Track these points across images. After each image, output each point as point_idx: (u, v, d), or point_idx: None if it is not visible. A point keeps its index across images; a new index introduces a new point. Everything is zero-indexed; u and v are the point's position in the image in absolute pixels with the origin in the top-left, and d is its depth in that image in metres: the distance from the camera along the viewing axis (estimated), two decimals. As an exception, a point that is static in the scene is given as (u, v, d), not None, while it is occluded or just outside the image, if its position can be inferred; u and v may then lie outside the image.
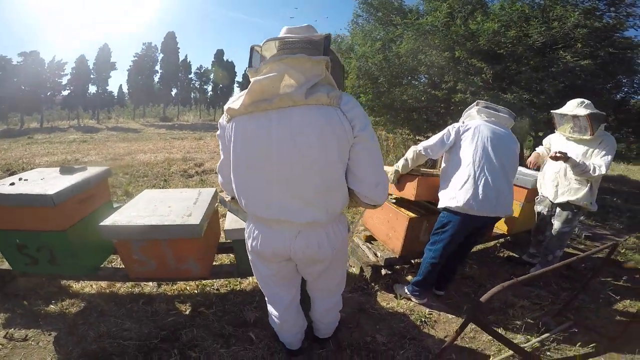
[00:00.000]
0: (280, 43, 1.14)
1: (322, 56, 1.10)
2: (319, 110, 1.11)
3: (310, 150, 1.13)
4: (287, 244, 1.29)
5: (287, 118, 1.11)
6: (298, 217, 1.23)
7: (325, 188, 1.21)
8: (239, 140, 1.18)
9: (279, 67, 1.10)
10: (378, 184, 1.26)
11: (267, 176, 1.19)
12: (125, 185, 5.29)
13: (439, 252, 2.13)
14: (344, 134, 1.14)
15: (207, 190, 2.35)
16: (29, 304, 2.17)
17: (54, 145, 11.44)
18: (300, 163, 1.15)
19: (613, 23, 4.69)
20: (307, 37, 1.14)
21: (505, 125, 2.21)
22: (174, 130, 19.08)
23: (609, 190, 6.83)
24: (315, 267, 1.41)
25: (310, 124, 1.11)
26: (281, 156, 1.14)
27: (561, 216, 2.60)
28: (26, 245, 1.95)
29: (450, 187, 2.06)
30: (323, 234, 1.30)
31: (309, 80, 1.10)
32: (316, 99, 1.10)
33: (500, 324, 2.16)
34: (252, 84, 1.11)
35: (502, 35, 4.27)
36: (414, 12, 5.19)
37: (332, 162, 1.17)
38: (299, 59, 1.09)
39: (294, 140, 1.12)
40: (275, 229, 1.30)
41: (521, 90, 4.38)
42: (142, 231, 1.82)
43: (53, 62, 24.74)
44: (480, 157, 2.00)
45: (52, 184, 1.95)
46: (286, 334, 1.73)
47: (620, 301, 2.49)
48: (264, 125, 1.13)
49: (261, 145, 1.15)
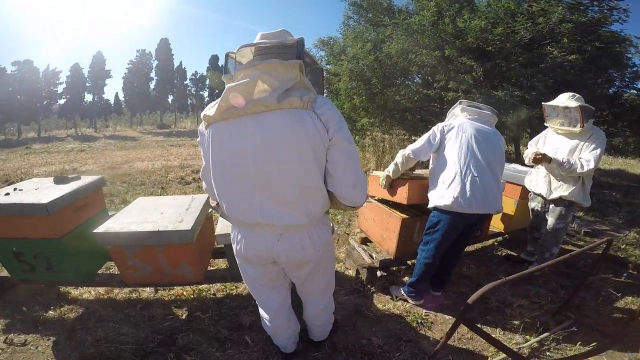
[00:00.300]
0: (255, 49, 1.17)
1: (295, 60, 1.12)
2: (292, 114, 1.12)
3: (285, 154, 1.14)
4: (270, 247, 1.30)
5: (261, 123, 1.13)
6: (278, 220, 1.24)
7: (303, 191, 1.22)
8: (216, 146, 1.20)
9: (253, 72, 1.12)
10: (355, 185, 1.27)
11: (245, 181, 1.20)
12: (123, 193, 5.30)
13: (432, 252, 2.14)
14: (318, 136, 1.15)
15: (200, 197, 2.37)
16: (28, 310, 2.19)
17: (52, 155, 11.45)
18: (276, 167, 1.16)
19: (598, 17, 4.74)
20: (280, 41, 1.15)
21: (489, 122, 2.23)
22: (172, 137, 19.12)
23: (608, 184, 6.85)
24: (301, 270, 1.42)
25: (284, 129, 1.12)
26: (257, 161, 1.16)
27: (555, 212, 2.60)
28: (23, 253, 1.99)
29: (438, 187, 2.08)
30: (306, 236, 1.31)
31: (283, 84, 1.11)
32: (289, 103, 1.12)
33: (498, 324, 2.15)
34: (226, 91, 1.13)
35: (490, 32, 4.31)
36: (403, 12, 5.22)
37: (308, 165, 1.18)
38: (272, 64, 1.10)
39: (269, 144, 1.14)
40: (257, 232, 1.31)
41: (512, 87, 4.41)
42: (135, 237, 1.84)
43: (47, 71, 24.80)
44: (465, 155, 2.02)
45: (46, 193, 1.97)
46: (280, 338, 1.74)
47: (621, 298, 2.47)
48: (239, 131, 1.15)
49: (237, 150, 1.16)
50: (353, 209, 1.38)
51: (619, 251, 3.30)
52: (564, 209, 2.55)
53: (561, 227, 2.60)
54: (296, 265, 1.38)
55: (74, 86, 26.29)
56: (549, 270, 2.81)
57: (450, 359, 1.86)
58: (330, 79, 6.78)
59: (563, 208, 2.56)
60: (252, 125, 1.13)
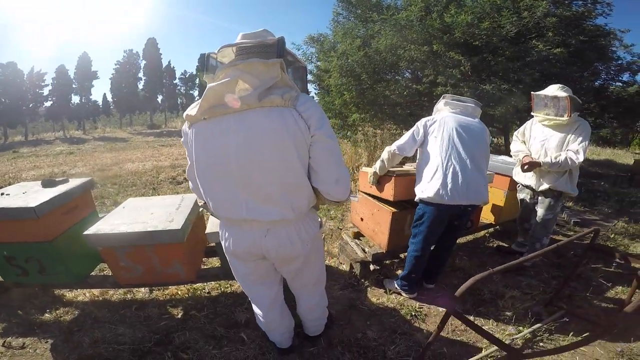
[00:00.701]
0: (236, 49, 1.18)
1: (276, 59, 1.14)
2: (274, 112, 1.14)
3: (267, 151, 1.16)
4: (258, 242, 1.32)
5: (243, 121, 1.14)
6: (264, 216, 1.25)
7: (287, 188, 1.23)
8: (199, 145, 1.21)
9: (234, 72, 1.13)
10: (338, 180, 1.29)
11: (229, 179, 1.22)
12: (114, 195, 5.25)
13: (420, 245, 2.17)
14: (300, 133, 1.17)
15: (190, 196, 2.36)
16: (24, 314, 2.19)
17: (40, 158, 11.26)
18: (259, 164, 1.17)
19: (582, 11, 4.81)
20: (260, 41, 1.17)
21: (473, 114, 2.26)
22: (162, 137, 18.92)
23: (597, 174, 6.98)
24: (290, 266, 1.44)
25: (265, 126, 1.14)
26: (240, 159, 1.17)
27: (544, 203, 2.63)
28: (14, 257, 1.98)
29: (423, 180, 2.12)
30: (293, 231, 1.32)
31: (264, 83, 1.13)
32: (270, 101, 1.13)
33: (491, 316, 2.18)
34: (207, 90, 1.15)
35: (476, 27, 4.35)
36: (392, 8, 5.23)
37: (291, 162, 1.19)
38: (253, 63, 1.12)
39: (251, 142, 1.15)
40: (244, 229, 1.32)
41: (499, 81, 4.46)
42: (126, 238, 1.84)
43: (32, 73, 24.33)
44: (447, 148, 2.05)
45: (34, 197, 1.96)
46: (274, 333, 1.76)
47: (611, 288, 2.51)
48: (221, 130, 1.16)
49: (220, 149, 1.18)
50: (337, 204, 1.40)
51: (608, 240, 3.36)
52: (553, 199, 2.59)
53: (550, 217, 2.63)
54: (286, 260, 1.39)
55: (60, 88, 25.84)
56: (539, 260, 2.86)
57: (444, 350, 1.89)
58: (321, 75, 6.76)
59: (552, 199, 2.59)
60: (234, 124, 1.15)
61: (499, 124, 6.80)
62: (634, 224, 3.82)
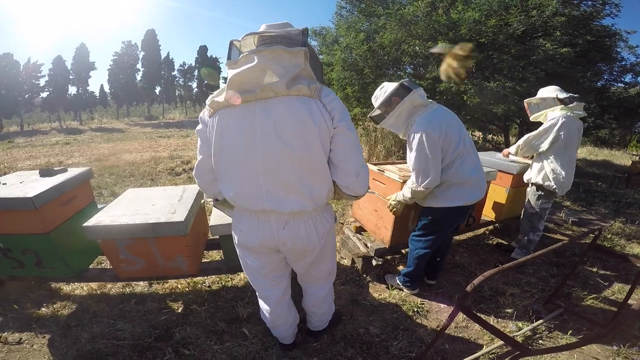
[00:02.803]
0: (259, 38, 1.16)
1: (300, 47, 1.13)
2: (301, 101, 1.14)
3: (293, 139, 1.15)
4: (275, 235, 1.31)
5: (269, 109, 1.13)
6: (284, 206, 1.25)
7: (309, 176, 1.24)
8: (223, 132, 1.19)
9: (258, 58, 1.11)
10: (358, 173, 1.29)
11: (253, 167, 1.20)
12: (112, 186, 5.19)
13: (432, 243, 2.13)
14: (324, 124, 1.17)
15: (192, 187, 2.32)
16: (20, 308, 2.15)
17: (36, 148, 11.14)
18: (283, 152, 1.17)
19: (590, 11, 4.79)
20: (284, 31, 1.16)
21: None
22: (160, 129, 18.77)
23: (594, 175, 7.00)
24: (305, 259, 1.43)
25: (292, 114, 1.13)
26: (265, 146, 1.16)
27: (528, 196, 2.75)
28: (10, 249, 1.93)
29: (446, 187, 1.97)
30: (310, 224, 1.33)
31: (288, 71, 1.12)
32: (297, 90, 1.13)
33: (492, 313, 2.19)
34: (232, 76, 1.13)
35: (483, 24, 4.31)
36: (397, 3, 5.18)
37: (315, 151, 1.20)
38: (277, 50, 1.11)
39: (277, 130, 1.14)
40: (262, 221, 1.31)
41: (504, 79, 4.44)
42: (127, 230, 1.80)
43: (29, 64, 24.05)
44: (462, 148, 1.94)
45: (32, 186, 1.91)
46: (279, 329, 1.74)
47: (608, 287, 2.54)
48: (247, 117, 1.15)
49: (245, 136, 1.16)
50: (355, 198, 1.38)
51: (605, 241, 3.37)
52: (533, 193, 2.69)
53: (534, 212, 2.70)
54: (301, 253, 1.38)
55: (57, 79, 25.57)
56: (538, 259, 2.87)
57: (446, 347, 1.89)
58: (323, 68, 6.70)
59: (532, 192, 2.70)
60: (260, 111, 1.14)
61: (500, 122, 6.80)
62: (631, 225, 3.84)
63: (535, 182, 2.63)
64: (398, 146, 5.88)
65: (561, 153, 2.48)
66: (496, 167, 3.03)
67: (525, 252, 2.80)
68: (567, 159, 2.50)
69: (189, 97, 34.13)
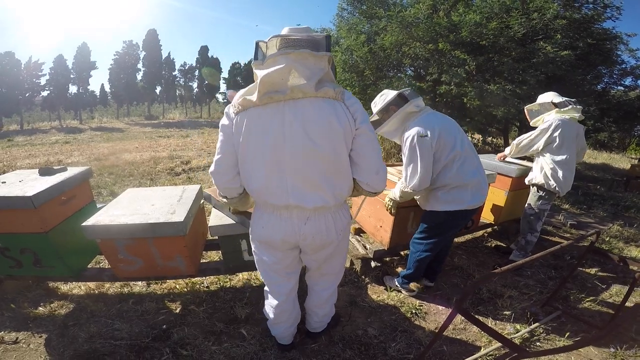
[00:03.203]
0: (284, 41, 1.22)
1: (325, 52, 1.22)
2: (327, 102, 1.23)
3: (320, 138, 1.23)
4: (297, 231, 1.37)
5: (298, 109, 1.21)
6: (308, 202, 1.31)
7: (333, 174, 1.31)
8: (252, 129, 1.24)
9: (285, 60, 1.18)
10: (378, 171, 1.37)
11: (280, 163, 1.27)
12: (111, 185, 5.19)
13: (433, 246, 2.13)
14: (348, 125, 1.25)
15: (191, 187, 2.32)
16: (17, 307, 2.13)
17: (36, 147, 11.14)
18: (311, 150, 1.24)
19: (591, 14, 4.80)
20: (309, 35, 1.24)
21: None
22: (160, 129, 18.75)
23: (593, 178, 7.01)
24: (322, 253, 1.49)
25: (320, 115, 1.22)
26: (293, 144, 1.23)
27: (528, 197, 2.79)
28: (8, 248, 1.92)
29: (445, 190, 1.99)
30: (330, 219, 1.39)
31: (314, 74, 1.20)
32: (324, 92, 1.22)
33: (490, 315, 2.19)
34: (263, 77, 1.18)
35: (484, 26, 4.33)
36: (398, 5, 5.20)
37: (339, 150, 1.28)
38: (303, 53, 1.18)
39: (305, 129, 1.22)
40: (284, 217, 1.37)
41: (504, 81, 4.45)
42: (126, 230, 1.79)
43: (30, 63, 24.04)
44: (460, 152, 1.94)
45: (31, 185, 1.90)
46: (281, 326, 1.74)
47: (606, 290, 2.54)
48: (276, 116, 1.22)
49: (275, 134, 1.23)
50: (374, 194, 1.46)
51: (603, 243, 3.38)
52: (534, 194, 2.74)
53: (532, 213, 2.74)
54: (319, 246, 1.44)
55: (58, 78, 25.55)
56: (537, 261, 2.87)
57: (444, 349, 1.89)
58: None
59: (533, 193, 2.74)
60: (289, 111, 1.21)
61: (500, 124, 6.81)
62: (629, 228, 3.85)
63: (537, 183, 2.67)
64: (398, 148, 5.89)
65: (558, 153, 2.55)
66: (495, 170, 3.04)
67: (523, 254, 2.82)
68: (565, 159, 2.55)
69: (190, 97, 34.15)
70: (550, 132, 2.53)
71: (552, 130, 2.52)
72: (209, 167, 1.49)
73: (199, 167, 6.56)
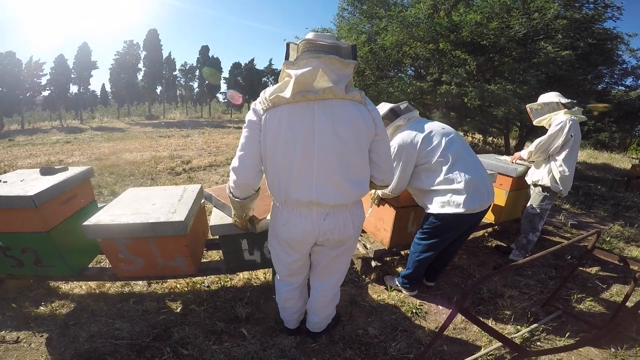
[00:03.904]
0: (313, 45, 1.29)
1: (352, 60, 1.31)
2: (355, 105, 1.34)
3: (347, 137, 1.32)
4: (316, 227, 1.43)
5: (328, 109, 1.29)
6: (329, 198, 1.37)
7: (355, 172, 1.40)
8: (282, 125, 1.30)
9: (315, 62, 1.26)
10: (391, 169, 1.56)
11: (308, 160, 1.33)
12: (112, 185, 5.19)
13: (432, 248, 2.12)
14: (370, 128, 1.37)
15: (192, 187, 2.32)
16: (18, 306, 2.14)
17: (37, 147, 11.14)
18: (338, 148, 1.32)
19: (592, 14, 4.80)
20: (336, 43, 1.31)
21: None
22: (161, 129, 18.75)
23: (594, 178, 7.00)
24: (338, 248, 1.55)
25: (348, 116, 1.31)
26: (322, 141, 1.30)
27: (531, 196, 2.81)
28: (10, 248, 1.93)
29: (439, 194, 2.00)
30: (348, 216, 1.46)
31: (341, 79, 1.29)
32: (352, 96, 1.33)
33: (490, 315, 2.19)
34: (298, 76, 1.25)
35: (485, 26, 4.33)
36: (398, 5, 5.20)
37: (362, 149, 1.39)
38: (332, 59, 1.27)
39: (335, 127, 1.30)
40: (304, 214, 1.42)
41: (504, 81, 4.45)
42: (126, 229, 1.80)
43: (31, 62, 24.03)
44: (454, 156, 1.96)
45: (32, 185, 1.90)
46: (287, 311, 1.84)
47: (606, 290, 2.54)
48: (307, 113, 1.29)
49: (305, 131, 1.29)
50: (385, 188, 1.63)
51: (604, 243, 3.38)
52: (538, 194, 2.75)
53: (535, 212, 2.76)
54: (338, 241, 1.50)
55: (59, 77, 25.51)
56: (537, 261, 2.88)
57: (445, 348, 1.89)
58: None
59: (537, 192, 2.76)
60: (319, 110, 1.29)
61: (500, 124, 6.80)
62: (630, 228, 3.86)
63: (543, 184, 2.68)
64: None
65: (569, 154, 2.59)
66: (496, 170, 3.04)
67: (524, 253, 2.83)
68: (573, 160, 2.61)
69: (190, 97, 34.09)
70: (566, 132, 2.54)
71: (568, 130, 2.54)
72: (209, 167, 1.51)
73: (200, 167, 6.56)
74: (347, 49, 1.32)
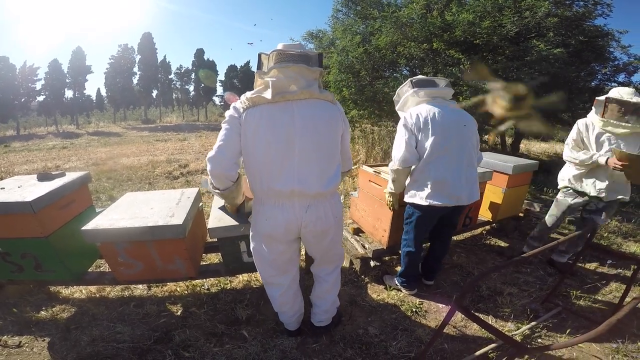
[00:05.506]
0: (282, 55, 1.42)
1: (318, 67, 1.47)
2: (328, 105, 1.52)
3: (324, 132, 1.48)
4: (299, 218, 1.51)
5: (307, 107, 1.45)
6: (311, 188, 1.47)
7: (331, 163, 1.54)
8: (263, 122, 1.41)
9: (285, 71, 1.40)
10: (350, 158, 1.79)
11: (290, 153, 1.44)
12: (109, 190, 5.18)
13: (412, 241, 2.18)
14: (340, 125, 1.56)
15: (190, 191, 2.33)
16: (19, 311, 2.14)
17: (33, 152, 11.06)
18: (318, 141, 1.47)
19: (582, 11, 4.84)
20: (304, 52, 1.45)
21: (449, 97, 2.13)
22: (157, 132, 18.68)
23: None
24: (324, 240, 1.64)
25: (324, 113, 1.48)
26: (302, 136, 1.43)
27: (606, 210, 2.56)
28: (9, 253, 1.93)
29: (412, 182, 2.08)
30: (327, 206, 1.56)
31: (310, 83, 1.45)
32: (325, 96, 1.51)
33: (490, 312, 2.21)
34: (273, 83, 1.39)
35: (477, 25, 4.35)
36: (392, 5, 5.22)
37: (336, 143, 1.56)
38: (301, 67, 1.41)
39: (315, 124, 1.45)
40: (286, 206, 1.50)
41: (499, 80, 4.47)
42: (125, 233, 1.81)
43: (25, 67, 23.89)
44: (439, 146, 1.94)
45: (30, 190, 1.91)
46: (284, 314, 1.86)
47: (605, 286, 2.56)
48: (287, 111, 1.42)
49: (286, 127, 1.42)
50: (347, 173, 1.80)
51: (602, 239, 3.40)
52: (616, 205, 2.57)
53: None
54: (320, 232, 1.58)
55: (53, 82, 25.38)
56: (535, 258, 2.89)
57: (445, 347, 1.90)
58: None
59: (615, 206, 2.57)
60: (297, 108, 1.43)
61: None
62: (627, 223, 3.88)
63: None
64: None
65: None
66: (492, 168, 3.06)
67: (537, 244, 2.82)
68: None
69: (186, 101, 33.99)
70: None
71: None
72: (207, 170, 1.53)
73: (197, 171, 6.56)
74: (314, 57, 1.47)
